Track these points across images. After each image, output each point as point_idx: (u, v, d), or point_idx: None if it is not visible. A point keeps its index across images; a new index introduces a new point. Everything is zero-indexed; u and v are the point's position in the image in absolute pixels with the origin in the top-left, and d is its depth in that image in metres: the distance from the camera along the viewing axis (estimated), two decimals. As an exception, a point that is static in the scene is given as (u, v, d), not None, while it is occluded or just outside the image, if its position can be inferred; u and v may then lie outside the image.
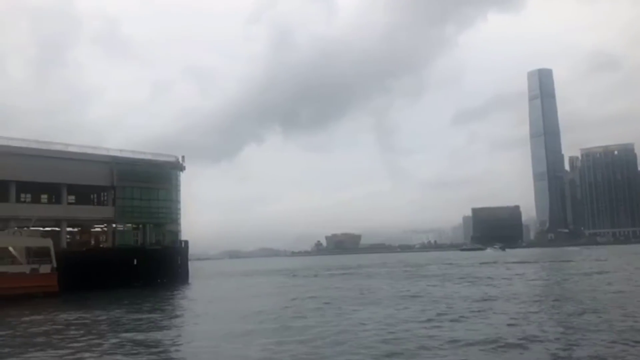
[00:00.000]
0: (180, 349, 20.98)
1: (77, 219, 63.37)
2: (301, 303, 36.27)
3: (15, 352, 20.71)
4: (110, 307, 36.86)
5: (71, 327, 27.63)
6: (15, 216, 55.07)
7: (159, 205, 68.71)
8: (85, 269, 52.48)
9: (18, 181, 57.53)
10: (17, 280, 45.68)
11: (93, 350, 20.49)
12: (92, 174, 63.20)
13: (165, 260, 65.59)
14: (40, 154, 59.00)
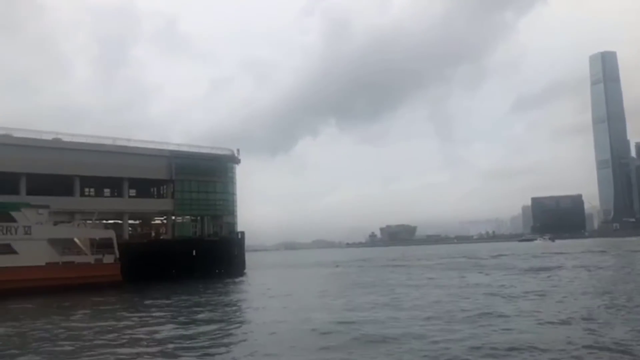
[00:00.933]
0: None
1: (138, 212, 65.66)
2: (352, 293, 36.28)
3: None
4: (183, 293, 38.26)
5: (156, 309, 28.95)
6: (79, 209, 57.50)
7: (215, 197, 70.27)
8: (146, 260, 54.24)
9: (82, 176, 60.05)
10: (83, 269, 47.84)
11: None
12: (151, 168, 65.26)
13: (223, 251, 66.96)
14: (103, 149, 61.33)
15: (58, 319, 28.02)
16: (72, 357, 17.87)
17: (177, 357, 17.38)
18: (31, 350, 19.03)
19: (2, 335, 23.09)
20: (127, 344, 20.06)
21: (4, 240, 44.63)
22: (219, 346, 18.70)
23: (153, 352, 18.34)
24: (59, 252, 47.81)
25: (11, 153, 54.31)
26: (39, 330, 24.18)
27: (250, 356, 16.90)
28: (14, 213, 45.89)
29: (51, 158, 57.03)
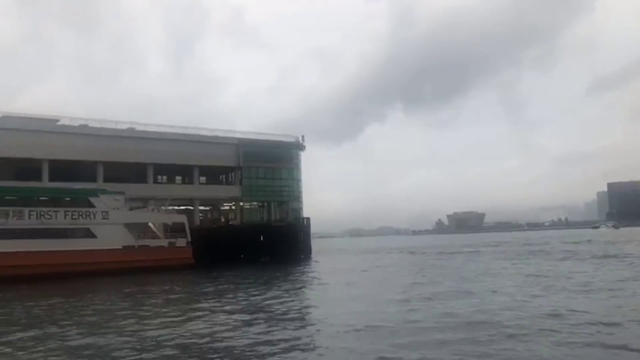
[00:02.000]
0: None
1: (207, 198, 67.73)
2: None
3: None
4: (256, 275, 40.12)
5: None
6: (153, 196, 59.89)
7: (281, 183, 71.48)
8: (216, 244, 55.85)
9: (155, 164, 62.55)
10: (157, 252, 49.90)
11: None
12: (220, 156, 67.10)
13: (289, 237, 67.99)
14: (174, 138, 63.58)
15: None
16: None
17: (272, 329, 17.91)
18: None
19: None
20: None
21: (84, 224, 47.12)
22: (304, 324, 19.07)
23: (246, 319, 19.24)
24: (135, 236, 50.02)
25: (89, 142, 57.24)
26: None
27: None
28: (92, 199, 48.34)
29: (126, 147, 59.71)
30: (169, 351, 14.60)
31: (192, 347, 15.09)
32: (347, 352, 14.04)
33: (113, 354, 14.42)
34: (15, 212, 44.18)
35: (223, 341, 15.77)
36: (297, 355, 13.92)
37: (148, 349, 14.91)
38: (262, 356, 13.84)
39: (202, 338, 16.22)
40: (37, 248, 43.35)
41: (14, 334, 17.87)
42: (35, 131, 54.70)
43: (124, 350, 14.68)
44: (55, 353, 14.78)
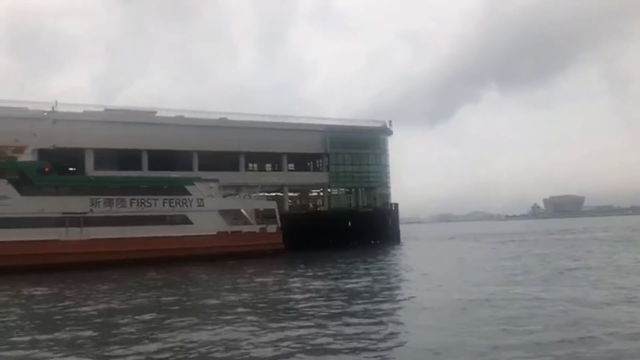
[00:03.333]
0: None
1: (296, 185, 69.07)
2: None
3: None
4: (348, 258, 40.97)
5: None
6: (244, 183, 61.82)
7: (369, 169, 71.44)
8: (305, 230, 56.77)
9: (246, 152, 64.52)
10: (249, 238, 51.49)
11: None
12: (308, 143, 68.06)
13: (377, 222, 67.89)
14: (264, 127, 65.19)
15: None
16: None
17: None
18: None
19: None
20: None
21: (180, 211, 49.45)
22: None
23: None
24: (228, 222, 51.84)
25: (184, 133, 59.95)
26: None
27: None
28: (188, 187, 50.56)
29: (219, 136, 62.05)
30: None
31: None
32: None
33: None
34: (119, 201, 47.10)
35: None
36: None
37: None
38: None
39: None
40: (138, 234, 46.07)
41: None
42: (135, 123, 57.98)
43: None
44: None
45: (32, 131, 46.41)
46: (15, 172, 44.17)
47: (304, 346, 13.79)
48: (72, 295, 26.91)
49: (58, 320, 19.33)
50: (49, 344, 15.02)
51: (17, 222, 42.33)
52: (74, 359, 13.46)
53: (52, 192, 45.16)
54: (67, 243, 43.78)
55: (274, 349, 13.54)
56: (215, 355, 13.27)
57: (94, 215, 45.72)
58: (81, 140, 54.40)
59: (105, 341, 15.20)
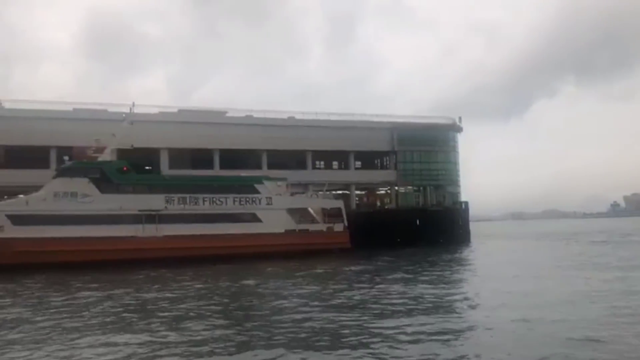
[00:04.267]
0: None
1: (363, 183, 69.01)
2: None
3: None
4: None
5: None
6: (311, 181, 62.41)
7: (437, 167, 70.38)
8: (372, 228, 56.67)
9: (314, 150, 65.16)
10: (317, 236, 51.99)
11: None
12: (375, 141, 67.86)
13: (446, 221, 66.77)
14: (331, 125, 65.59)
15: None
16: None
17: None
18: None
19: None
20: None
21: (250, 209, 50.60)
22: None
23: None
24: (296, 221, 52.52)
25: (254, 132, 61.29)
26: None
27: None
28: (257, 185, 51.63)
29: (287, 135, 63.00)
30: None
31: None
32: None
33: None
34: (192, 199, 48.78)
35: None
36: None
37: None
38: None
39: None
40: (209, 231, 47.55)
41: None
42: (207, 123, 59.80)
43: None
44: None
45: (111, 132, 48.79)
46: (96, 171, 46.67)
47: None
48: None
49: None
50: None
51: (97, 219, 44.77)
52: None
53: (129, 190, 47.44)
54: (144, 239, 45.83)
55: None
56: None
57: (168, 213, 47.60)
58: (156, 140, 56.71)
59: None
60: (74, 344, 15.32)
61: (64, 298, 25.45)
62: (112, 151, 49.47)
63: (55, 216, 43.84)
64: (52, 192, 45.06)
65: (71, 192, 45.21)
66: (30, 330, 17.48)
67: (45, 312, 21.26)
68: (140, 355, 13.92)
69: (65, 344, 15.29)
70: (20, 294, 27.88)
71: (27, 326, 18.24)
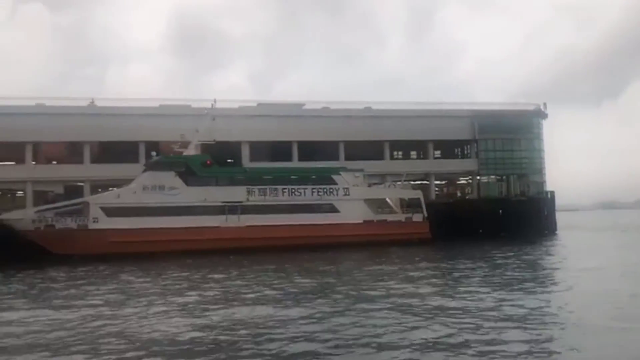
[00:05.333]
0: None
1: (443, 173, 67.78)
2: None
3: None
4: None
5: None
6: (389, 172, 62.03)
7: (521, 155, 67.91)
8: (453, 219, 55.57)
9: (391, 141, 64.68)
10: (395, 227, 51.74)
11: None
12: (454, 129, 66.31)
13: (531, 211, 64.27)
14: (408, 114, 64.84)
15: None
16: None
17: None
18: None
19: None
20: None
21: (328, 200, 51.11)
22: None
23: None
24: (374, 211, 52.53)
25: (331, 124, 61.67)
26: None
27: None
28: (334, 176, 52.05)
29: (364, 126, 62.86)
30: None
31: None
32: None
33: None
34: (272, 190, 49.93)
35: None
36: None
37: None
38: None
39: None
40: (289, 222, 48.51)
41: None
42: (285, 116, 60.81)
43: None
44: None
45: (195, 127, 50.73)
46: (181, 165, 48.76)
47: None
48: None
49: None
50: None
51: (184, 210, 46.82)
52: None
53: (213, 183, 49.23)
54: (227, 229, 47.46)
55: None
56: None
57: (249, 204, 49.03)
58: (237, 134, 58.29)
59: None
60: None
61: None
62: (196, 145, 51.42)
63: (144, 208, 46.25)
64: (141, 185, 47.51)
65: (159, 185, 47.49)
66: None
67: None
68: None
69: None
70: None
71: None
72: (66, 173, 55.61)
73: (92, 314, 18.89)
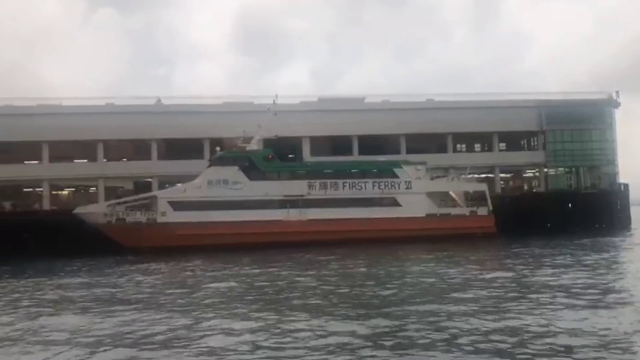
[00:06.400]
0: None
1: (508, 165, 65.79)
2: None
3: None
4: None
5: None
6: (452, 165, 60.86)
7: (592, 146, 64.99)
8: (519, 213, 53.90)
9: (454, 133, 63.39)
10: (458, 221, 50.80)
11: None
12: (520, 120, 64.19)
13: (602, 205, 61.50)
14: (472, 106, 63.36)
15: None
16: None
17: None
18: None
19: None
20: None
21: (389, 194, 50.72)
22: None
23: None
24: (437, 205, 51.72)
25: (391, 117, 61.04)
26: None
27: None
28: (396, 170, 51.58)
29: (425, 119, 61.83)
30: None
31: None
32: None
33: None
34: (332, 184, 50.04)
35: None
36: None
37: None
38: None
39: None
40: (350, 215, 48.50)
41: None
42: (345, 111, 60.72)
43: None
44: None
45: (257, 123, 51.54)
46: (245, 160, 49.71)
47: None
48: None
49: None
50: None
51: (246, 204, 47.68)
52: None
53: (275, 177, 49.90)
54: (289, 223, 48.01)
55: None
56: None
57: (310, 198, 49.34)
58: (298, 129, 58.76)
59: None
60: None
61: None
62: (258, 141, 52.28)
63: (209, 202, 47.46)
64: (206, 180, 48.75)
65: (223, 180, 48.60)
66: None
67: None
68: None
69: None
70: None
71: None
72: (135, 169, 57.85)
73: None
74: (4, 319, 18.00)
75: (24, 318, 17.98)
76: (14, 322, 17.21)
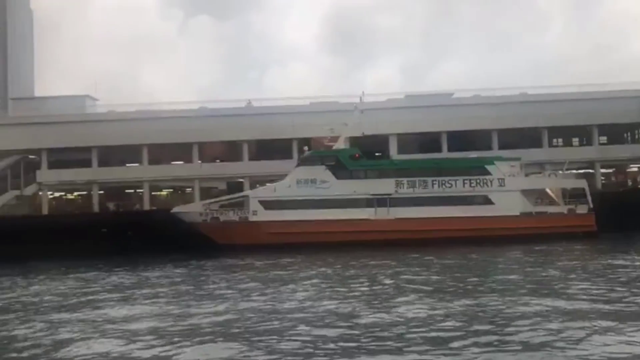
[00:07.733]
0: None
1: (610, 160, 61.91)
2: None
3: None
4: None
5: None
6: (549, 160, 58.09)
7: None
8: (623, 210, 50.44)
9: (550, 127, 60.55)
10: (556, 220, 48.30)
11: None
12: (623, 112, 60.29)
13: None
14: (569, 98, 60.47)
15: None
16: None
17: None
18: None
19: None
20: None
21: (481, 192, 49.10)
22: None
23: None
24: (532, 203, 49.48)
25: (482, 112, 59.33)
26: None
27: None
28: (488, 167, 49.82)
29: (519, 113, 59.55)
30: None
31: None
32: None
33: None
34: (421, 182, 49.20)
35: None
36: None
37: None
38: None
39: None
40: (440, 214, 47.46)
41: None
42: (433, 107, 59.65)
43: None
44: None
45: (343, 121, 51.69)
46: (331, 159, 49.99)
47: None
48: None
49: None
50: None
51: (334, 203, 47.98)
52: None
53: (361, 176, 49.80)
54: (377, 222, 47.76)
55: None
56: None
57: (398, 197, 48.78)
58: (385, 126, 58.28)
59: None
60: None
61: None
62: (345, 139, 52.38)
63: (298, 201, 48.21)
64: (294, 179, 49.55)
65: (311, 179, 49.14)
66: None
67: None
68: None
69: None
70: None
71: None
72: (228, 170, 60.04)
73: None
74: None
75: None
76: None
